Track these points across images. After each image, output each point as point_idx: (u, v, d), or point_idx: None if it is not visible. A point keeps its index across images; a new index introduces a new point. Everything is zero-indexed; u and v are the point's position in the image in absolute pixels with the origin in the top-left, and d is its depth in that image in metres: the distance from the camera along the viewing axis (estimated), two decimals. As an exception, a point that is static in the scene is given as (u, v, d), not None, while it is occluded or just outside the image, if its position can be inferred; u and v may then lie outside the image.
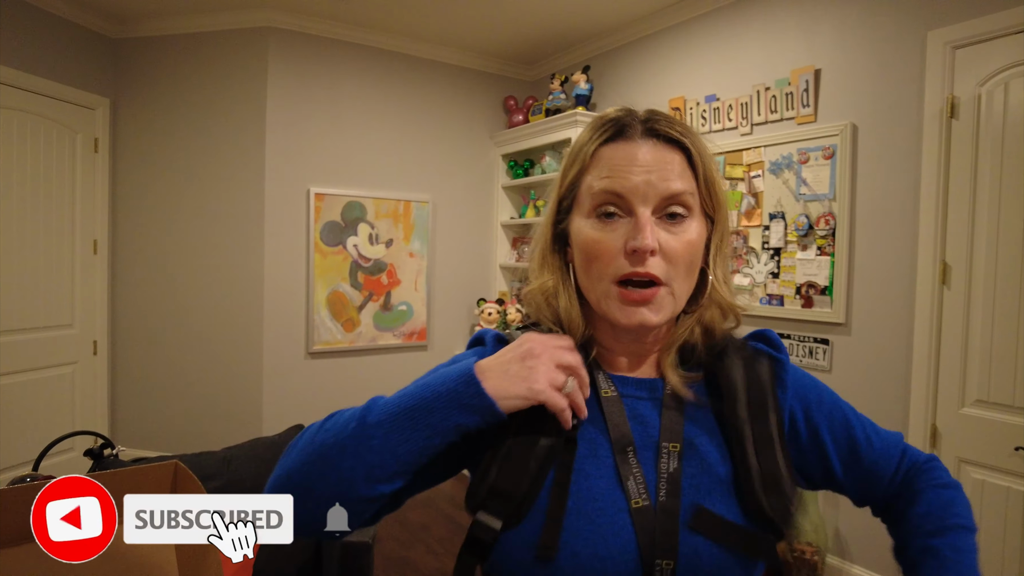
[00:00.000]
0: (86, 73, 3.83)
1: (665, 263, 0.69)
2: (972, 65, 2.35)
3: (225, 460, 1.71)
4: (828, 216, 2.80)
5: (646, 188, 0.68)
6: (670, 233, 0.69)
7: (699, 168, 0.72)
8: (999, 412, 2.28)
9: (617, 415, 0.72)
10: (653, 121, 0.72)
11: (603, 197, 0.70)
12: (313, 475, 0.63)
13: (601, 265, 0.70)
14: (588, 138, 0.74)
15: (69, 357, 3.83)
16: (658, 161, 0.70)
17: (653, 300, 0.69)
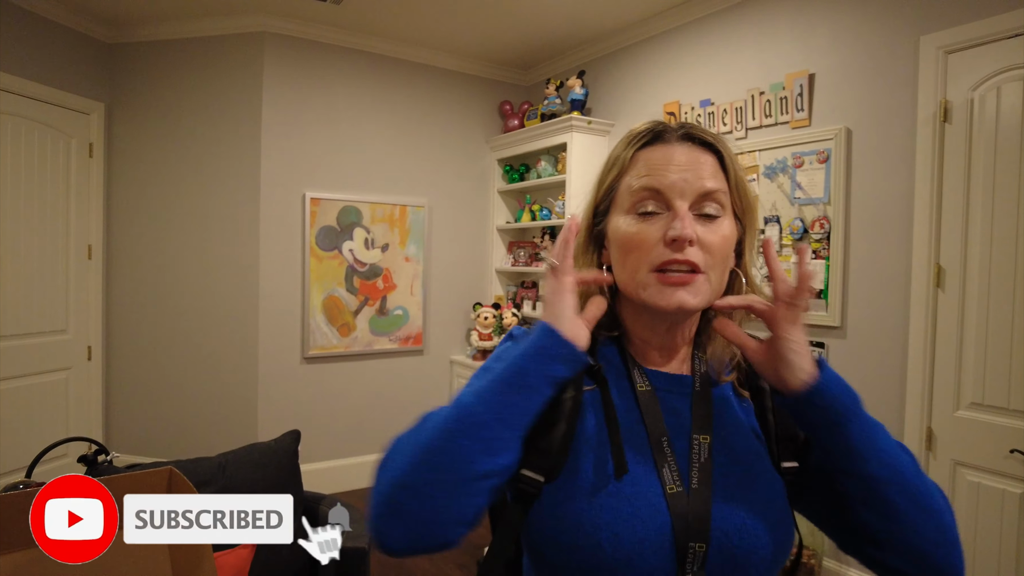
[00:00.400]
0: (81, 78, 3.82)
1: (703, 253, 0.72)
2: (965, 69, 2.37)
3: (220, 466, 1.70)
4: (823, 220, 2.81)
5: (683, 185, 0.73)
6: (707, 227, 0.73)
7: (731, 171, 0.77)
8: (994, 415, 2.29)
9: (652, 408, 0.76)
10: (688, 128, 0.78)
11: (642, 194, 0.75)
12: (428, 467, 0.63)
13: (640, 254, 0.74)
14: (626, 145, 0.80)
15: (63, 363, 3.81)
16: (693, 161, 0.75)
17: (692, 283, 0.72)
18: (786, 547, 0.73)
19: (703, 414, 0.76)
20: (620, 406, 0.76)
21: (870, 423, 0.71)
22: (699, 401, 0.77)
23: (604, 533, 0.68)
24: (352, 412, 4.12)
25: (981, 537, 2.31)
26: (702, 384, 0.79)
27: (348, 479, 3.90)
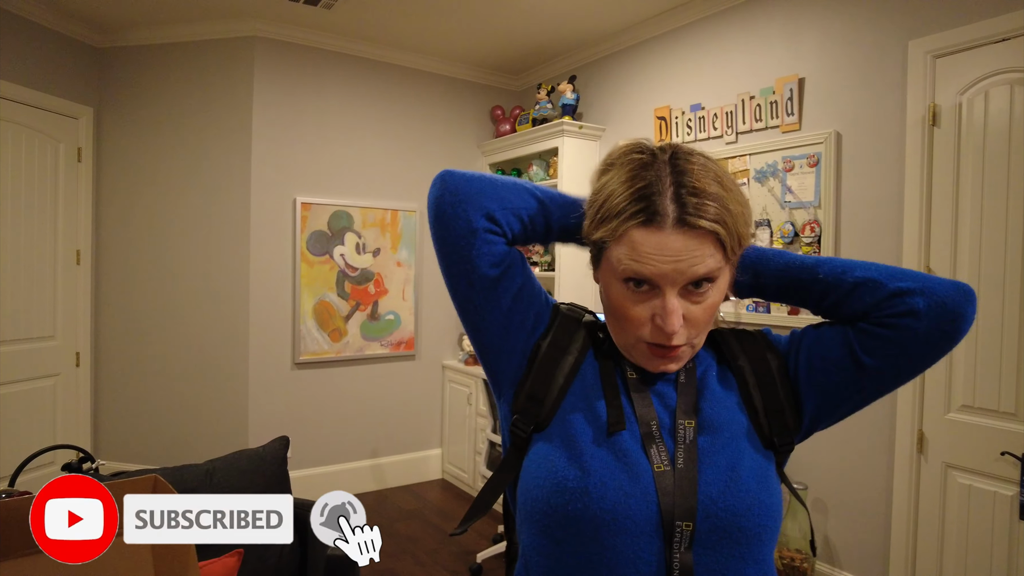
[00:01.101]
0: (69, 82, 3.79)
1: (688, 328, 0.74)
2: (953, 74, 2.38)
3: (207, 473, 1.69)
4: (813, 223, 2.81)
5: (675, 275, 0.71)
6: (694, 303, 0.73)
7: (727, 244, 0.72)
8: (985, 417, 2.29)
9: (641, 393, 0.80)
10: (685, 212, 0.70)
11: (631, 275, 0.73)
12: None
13: (630, 326, 0.76)
14: (619, 209, 0.72)
15: (51, 369, 3.78)
16: (688, 249, 0.70)
17: (676, 354, 0.76)
18: (775, 518, 0.74)
19: (688, 401, 0.79)
20: (584, 388, 0.82)
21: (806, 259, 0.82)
22: (684, 390, 0.80)
23: (592, 480, 0.71)
24: (344, 418, 4.10)
25: (973, 540, 2.31)
26: (687, 376, 0.81)
27: (339, 485, 3.85)
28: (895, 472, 2.54)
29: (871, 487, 2.64)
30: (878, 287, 0.76)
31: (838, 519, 2.77)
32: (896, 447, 2.53)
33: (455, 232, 0.79)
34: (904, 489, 2.50)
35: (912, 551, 2.48)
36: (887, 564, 2.57)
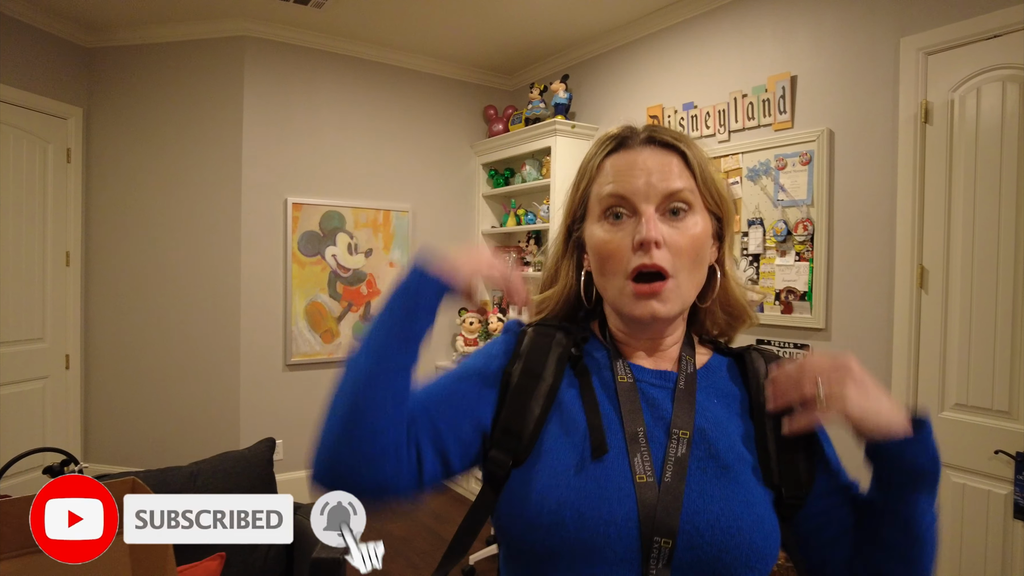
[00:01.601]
0: (58, 82, 3.76)
1: (671, 255, 0.74)
2: (945, 71, 2.37)
3: (191, 475, 1.66)
4: (806, 222, 2.80)
5: (647, 188, 0.75)
6: (673, 228, 0.75)
7: (695, 167, 0.78)
8: (978, 415, 2.28)
9: (631, 399, 0.77)
10: (651, 131, 0.80)
11: (610, 201, 0.77)
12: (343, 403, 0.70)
13: (614, 262, 0.76)
14: (594, 153, 0.82)
15: (40, 372, 3.74)
16: (657, 164, 0.76)
17: (661, 292, 0.74)
18: (766, 553, 0.69)
19: (685, 410, 0.76)
20: (600, 397, 0.77)
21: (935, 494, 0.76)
22: (682, 398, 0.77)
23: (568, 512, 0.67)
24: (336, 420, 4.06)
25: (967, 539, 2.30)
26: (687, 383, 0.79)
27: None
28: (889, 471, 2.52)
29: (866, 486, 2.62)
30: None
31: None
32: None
33: (376, 496, 0.70)
34: (898, 488, 2.48)
35: (906, 551, 2.46)
36: (881, 564, 2.55)
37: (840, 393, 0.71)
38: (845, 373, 0.71)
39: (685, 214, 0.76)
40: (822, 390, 0.71)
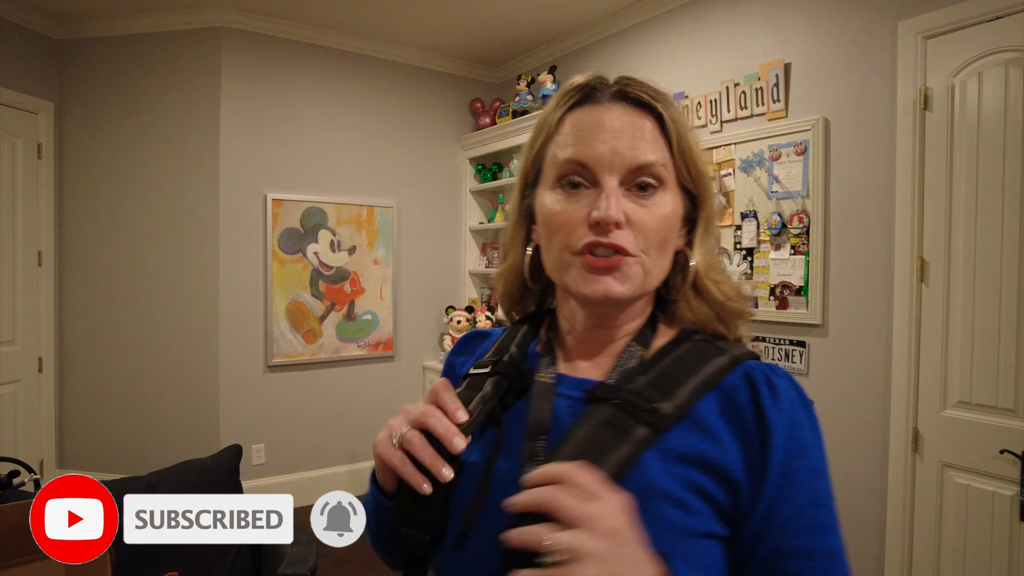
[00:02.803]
0: (28, 75, 3.63)
1: (635, 234, 0.62)
2: (944, 55, 2.28)
3: (149, 486, 1.55)
4: (801, 214, 2.71)
5: (612, 157, 0.62)
6: (640, 205, 0.63)
7: (672, 136, 0.65)
8: (982, 414, 2.19)
9: (542, 403, 0.66)
10: (624, 84, 0.66)
11: (567, 167, 0.64)
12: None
13: (563, 236, 0.64)
14: (555, 105, 0.69)
15: (11, 375, 3.61)
16: (627, 128, 0.63)
17: (620, 268, 0.62)
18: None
19: (569, 429, 0.61)
20: (516, 407, 0.68)
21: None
22: (592, 407, 0.61)
23: (474, 530, 0.61)
24: (319, 422, 3.95)
25: (971, 542, 2.21)
26: (602, 394, 0.62)
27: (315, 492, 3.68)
28: (889, 472, 2.43)
29: (864, 488, 2.53)
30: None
31: (830, 521, 2.66)
32: (890, 446, 2.42)
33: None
34: (899, 489, 2.39)
35: (908, 554, 2.38)
36: (882, 568, 2.46)
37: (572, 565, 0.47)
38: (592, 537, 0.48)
39: (655, 190, 0.64)
40: (555, 546, 0.47)
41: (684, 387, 0.61)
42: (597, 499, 0.49)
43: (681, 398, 0.60)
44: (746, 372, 0.63)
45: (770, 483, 0.58)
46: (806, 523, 0.58)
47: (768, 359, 2.77)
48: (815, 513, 0.59)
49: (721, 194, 3.02)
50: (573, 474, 0.50)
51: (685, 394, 0.61)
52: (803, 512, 0.58)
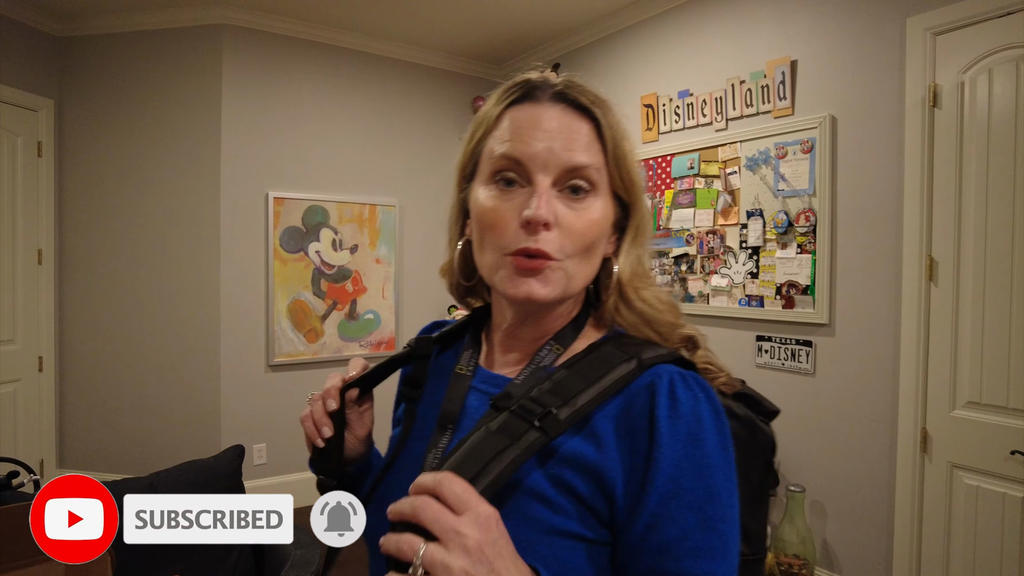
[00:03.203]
0: (28, 73, 3.60)
1: (561, 239, 0.63)
2: (954, 52, 2.25)
3: (151, 487, 1.53)
4: (808, 212, 2.68)
5: (547, 156, 0.63)
6: (570, 208, 0.64)
7: (608, 142, 0.66)
8: (992, 414, 2.16)
9: (456, 394, 0.71)
10: (565, 86, 0.68)
11: (502, 163, 0.65)
12: None
13: (494, 235, 0.65)
14: (496, 100, 0.70)
15: (11, 375, 3.58)
16: (563, 129, 0.65)
17: (542, 271, 0.63)
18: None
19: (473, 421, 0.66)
20: (431, 387, 0.75)
21: None
22: (483, 420, 0.61)
23: (372, 506, 0.67)
24: (321, 422, 3.92)
25: (981, 544, 2.18)
26: (531, 375, 0.65)
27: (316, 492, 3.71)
28: (897, 473, 2.40)
29: (872, 489, 2.51)
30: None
31: (837, 523, 2.64)
32: (898, 447, 2.40)
33: None
34: (907, 491, 2.37)
35: (916, 556, 2.35)
36: (890, 569, 2.44)
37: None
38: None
39: (586, 194, 0.65)
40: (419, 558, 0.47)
41: (585, 393, 0.60)
42: (465, 512, 0.49)
43: (579, 404, 0.59)
44: (651, 380, 0.61)
45: (651, 498, 0.57)
46: (690, 546, 0.56)
47: (774, 359, 2.75)
48: (702, 537, 0.57)
49: (726, 193, 3.00)
50: (444, 486, 0.50)
51: (584, 400, 0.60)
52: (689, 534, 0.57)
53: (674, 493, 0.57)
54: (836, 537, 2.64)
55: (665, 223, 3.31)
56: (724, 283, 3.01)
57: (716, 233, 3.05)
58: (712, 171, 3.07)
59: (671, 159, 3.28)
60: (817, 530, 2.68)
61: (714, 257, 3.07)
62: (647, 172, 3.41)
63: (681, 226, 3.22)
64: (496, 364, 0.73)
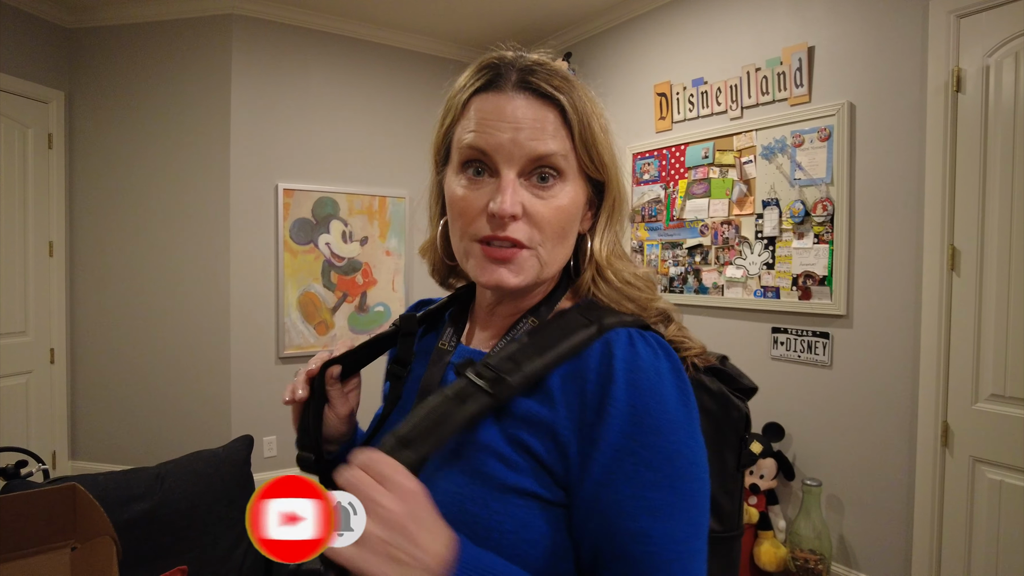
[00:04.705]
0: (38, 65, 3.60)
1: (530, 227, 0.65)
2: (978, 34, 2.19)
3: (158, 477, 1.51)
4: (825, 201, 2.63)
5: (512, 147, 0.64)
6: (538, 197, 0.65)
7: (574, 126, 0.66)
8: (1017, 407, 2.11)
9: (436, 368, 0.73)
10: (529, 72, 0.66)
11: (469, 153, 0.66)
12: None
13: (464, 223, 0.67)
14: (461, 86, 0.69)
15: (23, 366, 3.59)
16: (528, 118, 0.64)
17: (514, 260, 0.65)
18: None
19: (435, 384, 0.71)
20: (417, 364, 0.79)
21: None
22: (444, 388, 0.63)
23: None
24: (331, 414, 3.91)
25: (1004, 540, 2.13)
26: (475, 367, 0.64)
27: (327, 485, 3.70)
28: (917, 467, 2.35)
29: (891, 483, 2.46)
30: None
31: (855, 517, 2.59)
32: (918, 440, 2.35)
33: None
34: (927, 485, 2.32)
35: (936, 552, 2.30)
36: (909, 566, 2.39)
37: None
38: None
39: (555, 181, 0.65)
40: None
41: (541, 357, 0.61)
42: (389, 487, 0.51)
43: (531, 366, 0.61)
44: (608, 339, 0.62)
45: (605, 454, 0.57)
46: (645, 504, 0.56)
47: (791, 351, 2.70)
48: (659, 496, 0.56)
49: (742, 182, 2.95)
50: (372, 463, 0.52)
51: (539, 363, 0.61)
52: (644, 492, 0.56)
53: (629, 449, 0.57)
54: (853, 532, 2.59)
55: (679, 213, 3.26)
56: (739, 274, 2.96)
57: (731, 223, 3.00)
58: (727, 160, 3.02)
59: (685, 148, 3.23)
60: (834, 525, 2.64)
61: (729, 248, 3.02)
62: (660, 162, 3.36)
63: (695, 216, 3.17)
64: (475, 340, 0.76)
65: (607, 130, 0.69)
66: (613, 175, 0.70)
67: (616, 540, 0.56)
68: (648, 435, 0.57)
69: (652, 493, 0.56)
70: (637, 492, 0.56)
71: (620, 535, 0.56)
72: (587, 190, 0.69)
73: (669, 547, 0.55)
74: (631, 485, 0.56)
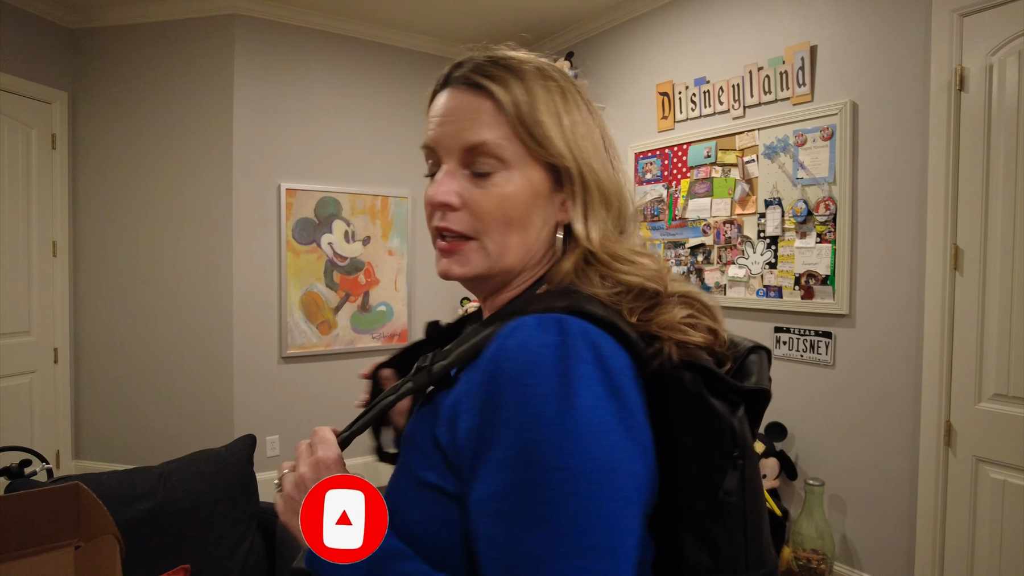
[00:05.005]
0: (41, 65, 3.61)
1: (471, 217, 0.64)
2: (982, 33, 2.18)
3: (161, 476, 1.51)
4: (828, 201, 2.62)
5: (446, 140, 0.66)
6: (477, 187, 0.64)
7: (509, 114, 0.64)
8: (1020, 407, 2.10)
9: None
10: (458, 67, 0.69)
11: (424, 152, 0.70)
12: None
13: (427, 218, 0.69)
14: (431, 90, 0.73)
15: (27, 366, 3.60)
16: (458, 110, 0.66)
17: (459, 251, 0.66)
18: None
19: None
20: None
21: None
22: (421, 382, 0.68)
23: None
24: (334, 414, 3.91)
25: (1007, 540, 2.13)
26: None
27: (330, 484, 3.70)
28: (920, 467, 2.35)
29: (894, 483, 2.46)
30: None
31: (858, 517, 2.59)
32: (921, 440, 2.34)
33: None
34: (930, 485, 2.32)
35: (939, 552, 2.30)
36: (911, 566, 2.39)
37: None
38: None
39: (496, 170, 0.64)
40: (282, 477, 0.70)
41: (459, 349, 0.64)
42: (312, 452, 0.67)
43: (451, 359, 0.64)
44: (513, 326, 0.57)
45: (472, 450, 0.55)
46: (502, 507, 0.51)
47: (793, 350, 2.70)
48: (518, 500, 0.50)
49: (744, 181, 2.95)
50: (314, 435, 0.68)
51: (454, 357, 0.64)
52: (502, 494, 0.51)
53: (489, 444, 0.52)
54: (856, 532, 2.59)
55: (681, 213, 3.26)
56: (741, 273, 2.96)
57: (733, 223, 3.00)
58: (729, 160, 3.01)
59: (687, 148, 3.23)
60: (836, 525, 2.64)
61: (731, 247, 3.02)
62: (663, 162, 3.36)
63: (698, 216, 3.17)
64: None
65: (565, 113, 0.66)
66: (574, 158, 0.65)
67: (477, 542, 0.53)
68: (510, 429, 0.51)
69: (511, 496, 0.50)
70: (493, 493, 0.51)
71: (479, 537, 0.53)
72: (547, 177, 0.66)
73: (524, 561, 0.49)
74: (487, 484, 0.52)
